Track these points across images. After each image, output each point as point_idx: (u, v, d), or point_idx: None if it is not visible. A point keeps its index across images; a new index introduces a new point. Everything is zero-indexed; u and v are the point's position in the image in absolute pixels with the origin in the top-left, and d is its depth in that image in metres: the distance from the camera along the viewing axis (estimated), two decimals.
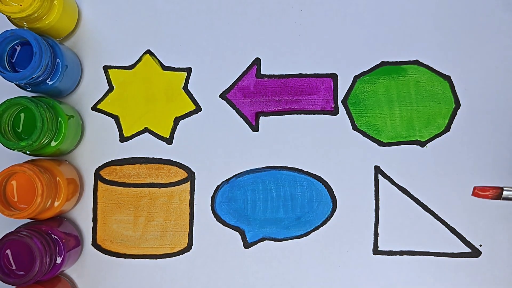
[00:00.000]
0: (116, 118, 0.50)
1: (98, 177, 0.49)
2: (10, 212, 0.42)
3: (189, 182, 0.49)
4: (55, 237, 0.44)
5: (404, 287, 0.48)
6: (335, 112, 0.49)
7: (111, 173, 0.49)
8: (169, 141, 0.49)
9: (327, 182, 0.49)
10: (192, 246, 0.49)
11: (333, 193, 0.49)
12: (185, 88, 0.50)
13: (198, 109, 0.50)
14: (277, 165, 0.49)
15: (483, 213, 0.48)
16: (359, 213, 0.48)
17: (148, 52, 0.50)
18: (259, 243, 0.49)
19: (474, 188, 0.44)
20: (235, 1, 0.50)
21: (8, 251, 0.42)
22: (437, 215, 0.48)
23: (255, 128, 0.49)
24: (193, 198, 0.49)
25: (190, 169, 0.49)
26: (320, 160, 0.49)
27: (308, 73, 0.49)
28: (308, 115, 0.49)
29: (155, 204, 0.49)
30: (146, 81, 0.50)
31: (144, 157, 0.49)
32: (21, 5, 0.42)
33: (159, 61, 0.50)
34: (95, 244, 0.49)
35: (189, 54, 0.50)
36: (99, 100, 0.50)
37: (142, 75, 0.50)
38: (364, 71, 0.49)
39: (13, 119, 0.44)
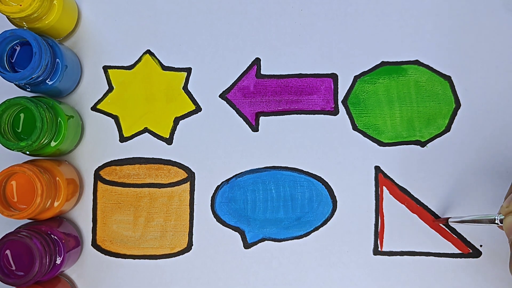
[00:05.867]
0: (116, 118, 0.50)
1: (98, 177, 0.49)
2: (10, 213, 0.42)
3: (189, 182, 0.49)
4: (55, 237, 0.44)
5: None
6: (335, 112, 0.49)
7: (111, 173, 0.49)
8: (169, 141, 0.49)
9: (327, 183, 0.49)
10: (192, 247, 0.49)
11: (333, 193, 0.49)
12: (185, 88, 0.50)
13: (198, 109, 0.49)
14: (277, 165, 0.49)
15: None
16: (359, 213, 0.48)
17: (148, 52, 0.50)
18: (259, 243, 0.49)
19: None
20: (235, 1, 0.50)
21: (8, 252, 0.42)
22: (437, 215, 0.48)
23: (255, 128, 0.49)
24: (193, 199, 0.49)
25: (190, 169, 0.49)
26: (320, 160, 0.49)
27: (308, 73, 0.49)
28: (308, 115, 0.49)
29: (155, 204, 0.49)
30: (146, 81, 0.50)
31: (144, 157, 0.49)
32: (20, 5, 0.42)
33: (159, 61, 0.50)
34: (95, 244, 0.49)
35: (189, 54, 0.50)
36: (98, 100, 0.50)
37: (142, 75, 0.50)
38: (364, 71, 0.49)
39: (13, 119, 0.44)
